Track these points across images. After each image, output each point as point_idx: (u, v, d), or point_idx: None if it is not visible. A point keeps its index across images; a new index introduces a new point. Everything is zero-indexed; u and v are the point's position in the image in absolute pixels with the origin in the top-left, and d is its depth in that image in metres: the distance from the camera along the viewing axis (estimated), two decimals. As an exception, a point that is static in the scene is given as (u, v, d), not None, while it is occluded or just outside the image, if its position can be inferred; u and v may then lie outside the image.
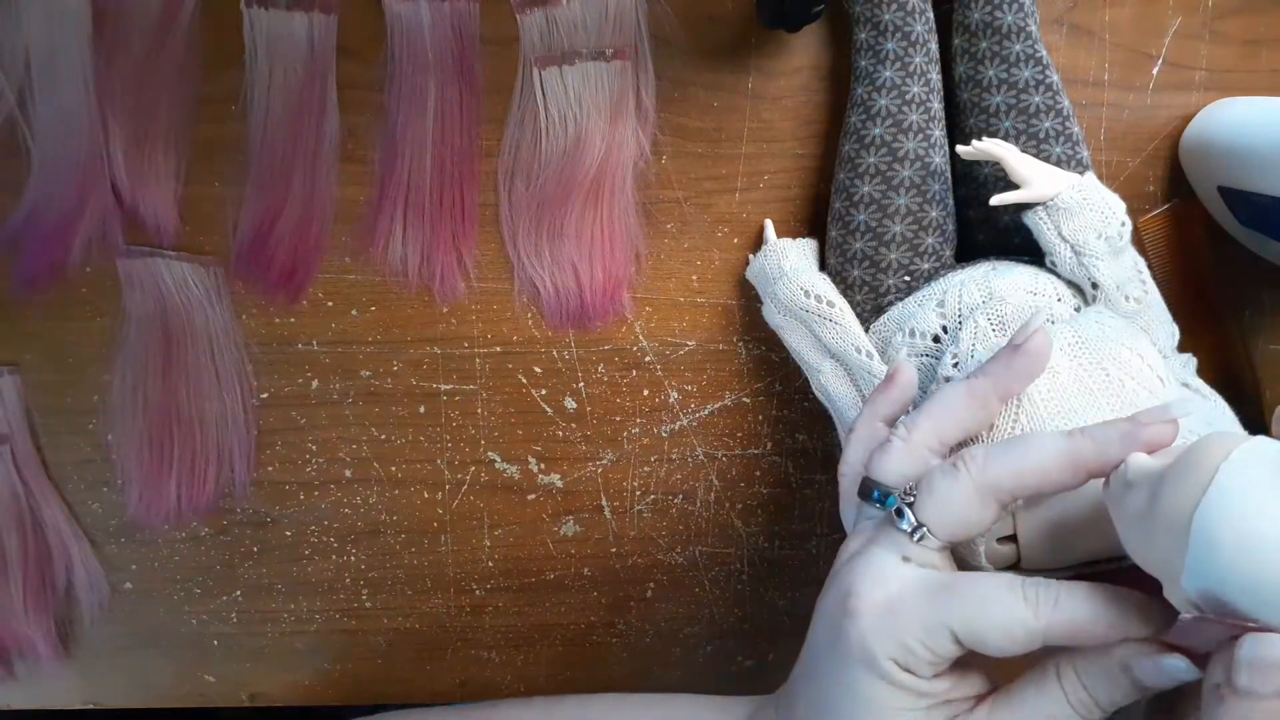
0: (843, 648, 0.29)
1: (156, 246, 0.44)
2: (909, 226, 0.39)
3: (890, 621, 0.28)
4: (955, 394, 0.31)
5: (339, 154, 0.43)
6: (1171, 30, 0.42)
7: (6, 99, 0.41)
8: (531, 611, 0.49)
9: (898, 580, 0.29)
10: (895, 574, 0.29)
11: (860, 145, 0.39)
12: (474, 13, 0.42)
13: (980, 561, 0.31)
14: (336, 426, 0.46)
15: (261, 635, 0.49)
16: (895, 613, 0.28)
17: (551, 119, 0.42)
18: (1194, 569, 0.24)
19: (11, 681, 0.48)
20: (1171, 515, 0.24)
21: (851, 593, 0.29)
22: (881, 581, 0.29)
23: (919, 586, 0.29)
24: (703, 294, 0.45)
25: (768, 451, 0.47)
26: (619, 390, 0.46)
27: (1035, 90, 0.38)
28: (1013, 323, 0.35)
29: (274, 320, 0.45)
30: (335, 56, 0.42)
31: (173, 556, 0.48)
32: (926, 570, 0.29)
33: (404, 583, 0.49)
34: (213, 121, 0.43)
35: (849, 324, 0.39)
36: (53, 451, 0.46)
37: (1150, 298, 0.37)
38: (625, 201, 0.43)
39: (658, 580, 0.49)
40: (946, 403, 0.31)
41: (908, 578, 0.29)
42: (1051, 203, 0.36)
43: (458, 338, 0.45)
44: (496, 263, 0.44)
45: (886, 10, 0.38)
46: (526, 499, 0.47)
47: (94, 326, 0.45)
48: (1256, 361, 0.45)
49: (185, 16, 0.41)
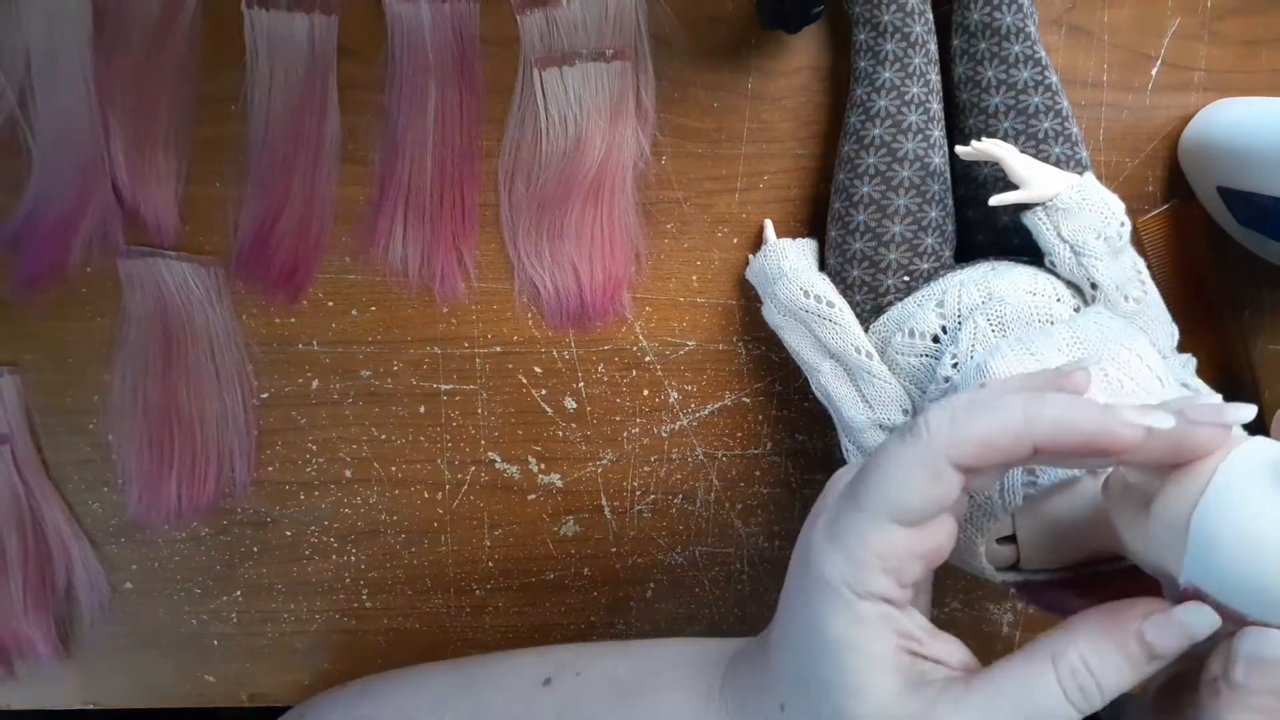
0: (801, 576, 0.29)
1: (157, 246, 0.44)
2: (908, 227, 0.39)
3: (837, 539, 0.28)
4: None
5: (339, 154, 0.43)
6: (1170, 31, 0.42)
7: (6, 99, 0.41)
8: (531, 611, 0.49)
9: (833, 494, 0.29)
10: (834, 490, 0.29)
11: (860, 146, 0.39)
12: (474, 13, 0.42)
13: (981, 563, 0.31)
14: (336, 426, 0.46)
15: (261, 635, 0.49)
16: (839, 528, 0.28)
17: (551, 119, 0.43)
18: (1192, 569, 0.24)
19: (11, 681, 0.48)
20: (1170, 515, 0.24)
21: (808, 521, 0.29)
22: (829, 495, 0.29)
23: (847, 490, 0.28)
24: (703, 294, 0.45)
25: (768, 451, 0.47)
26: (619, 390, 0.46)
27: (1034, 91, 0.38)
28: (1012, 323, 0.35)
29: (274, 320, 0.45)
30: (336, 57, 0.42)
31: (173, 556, 0.48)
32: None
33: (404, 583, 0.49)
34: (213, 121, 0.43)
35: (848, 324, 0.39)
36: (53, 451, 0.46)
37: (1149, 298, 0.37)
38: (625, 201, 0.43)
39: (658, 580, 0.49)
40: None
41: (840, 489, 0.29)
42: (1051, 203, 0.36)
43: (458, 338, 0.45)
44: (496, 263, 0.44)
45: (886, 11, 0.38)
46: (526, 499, 0.47)
47: (94, 326, 0.45)
48: (1256, 361, 0.45)
49: (185, 16, 0.41)
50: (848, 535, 0.27)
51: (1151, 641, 0.25)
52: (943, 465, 0.26)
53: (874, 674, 0.27)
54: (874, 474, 0.27)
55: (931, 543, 0.27)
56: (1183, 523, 0.24)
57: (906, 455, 0.26)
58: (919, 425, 0.26)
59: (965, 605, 0.49)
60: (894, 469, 0.26)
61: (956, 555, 0.32)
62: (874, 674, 0.27)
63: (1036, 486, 0.30)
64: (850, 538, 0.27)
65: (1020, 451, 0.25)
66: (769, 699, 0.31)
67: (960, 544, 0.31)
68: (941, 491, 0.26)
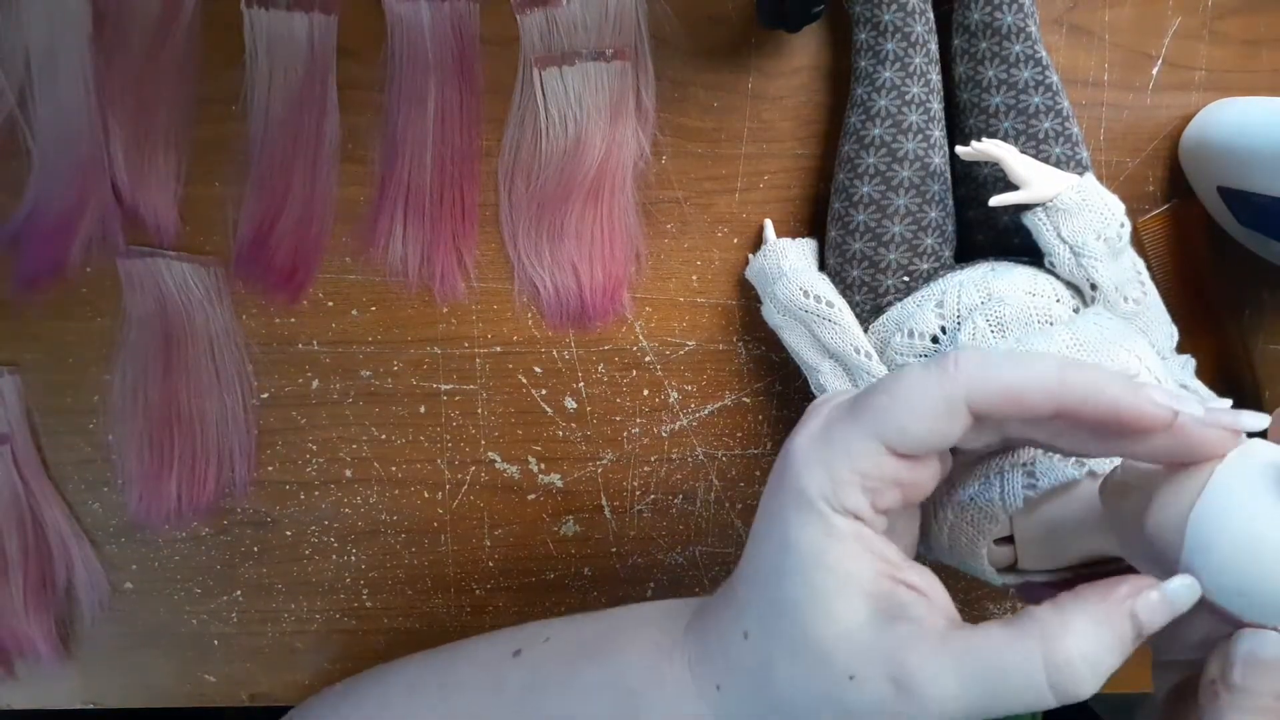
0: (776, 494, 0.28)
1: (157, 246, 0.44)
2: (908, 227, 0.39)
3: (822, 450, 0.27)
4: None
5: (339, 154, 0.43)
6: (1171, 30, 0.42)
7: (6, 99, 0.41)
8: (531, 611, 0.49)
9: (828, 407, 0.28)
10: (828, 405, 0.28)
11: (860, 146, 0.39)
12: (474, 13, 0.42)
13: (982, 564, 0.31)
14: (337, 426, 0.46)
15: (261, 635, 0.49)
16: (827, 440, 0.27)
17: (551, 119, 0.42)
18: (1189, 572, 0.24)
19: (11, 681, 0.48)
20: (1167, 517, 0.24)
21: (789, 438, 0.28)
22: (816, 414, 0.28)
23: (845, 404, 0.28)
24: (703, 294, 0.45)
25: (768, 451, 0.47)
26: (619, 390, 0.46)
27: (1035, 91, 0.38)
28: (1011, 324, 0.35)
29: (274, 320, 0.45)
30: (335, 56, 0.42)
31: (173, 556, 0.48)
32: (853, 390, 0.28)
33: (404, 583, 0.49)
34: (213, 121, 0.43)
35: (848, 324, 0.39)
36: (53, 451, 0.46)
37: (1149, 299, 0.37)
38: (625, 201, 0.43)
39: (658, 580, 0.49)
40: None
41: (838, 403, 0.28)
42: (1051, 204, 0.36)
43: (458, 338, 0.45)
44: (496, 263, 0.44)
45: (886, 11, 0.38)
46: (526, 499, 0.47)
47: (94, 326, 0.45)
48: (1256, 361, 0.45)
49: (185, 16, 0.41)
50: (834, 447, 0.27)
51: (1141, 618, 0.24)
52: (959, 404, 0.25)
53: (844, 596, 0.27)
54: (883, 395, 0.26)
55: (914, 477, 0.27)
56: (1179, 525, 0.24)
57: (927, 383, 0.26)
58: (948, 360, 0.26)
59: (965, 605, 0.49)
60: (909, 393, 0.26)
61: (957, 556, 0.32)
62: (844, 596, 0.27)
63: (1036, 489, 0.30)
64: (837, 450, 0.27)
65: (1043, 409, 0.25)
66: (733, 631, 0.30)
67: (961, 545, 0.31)
68: (946, 429, 0.26)
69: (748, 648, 0.29)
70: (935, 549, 0.33)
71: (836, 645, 0.26)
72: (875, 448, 0.26)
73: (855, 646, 0.26)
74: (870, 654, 0.26)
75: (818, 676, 0.27)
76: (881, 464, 0.26)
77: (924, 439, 0.26)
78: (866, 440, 0.26)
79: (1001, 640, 0.25)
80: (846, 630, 0.26)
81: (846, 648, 0.26)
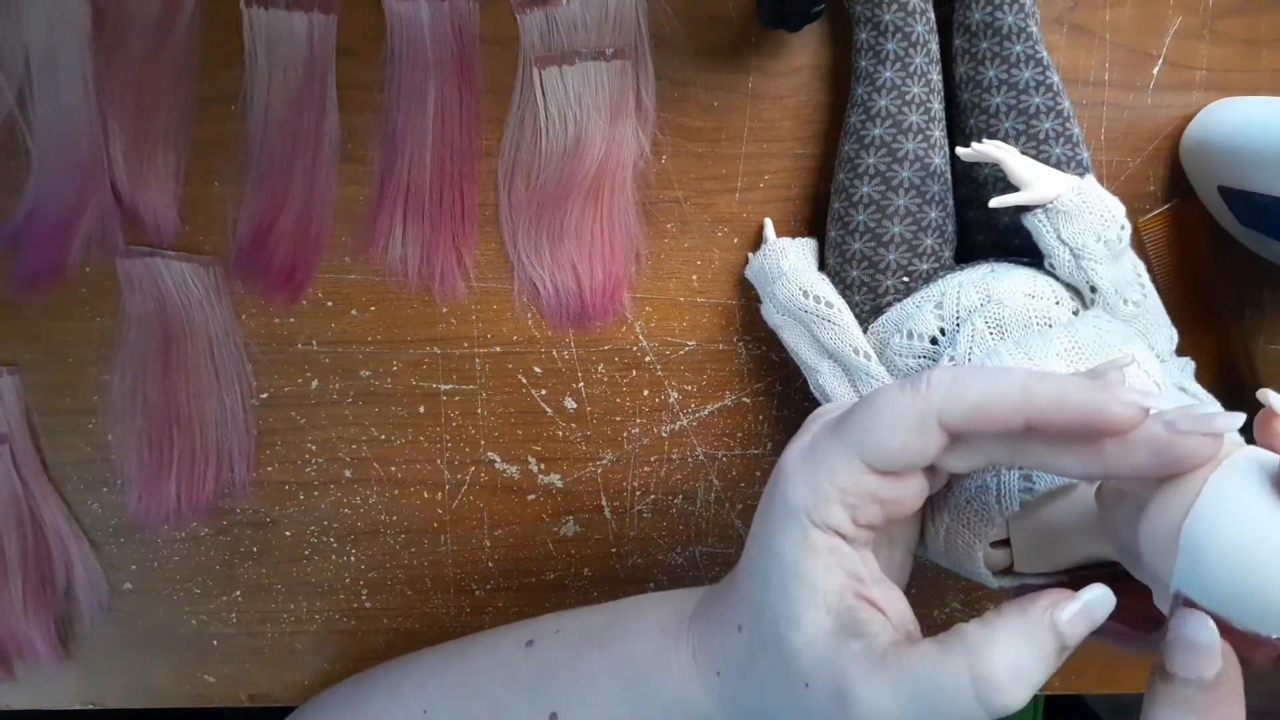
0: (770, 502, 0.29)
1: (156, 246, 0.44)
2: (908, 227, 0.39)
3: (808, 465, 0.28)
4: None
5: (339, 154, 0.43)
6: (1172, 30, 0.42)
7: (6, 99, 0.41)
8: (531, 612, 0.49)
9: (818, 423, 0.29)
10: (819, 420, 0.29)
11: (860, 146, 0.39)
12: (474, 12, 0.42)
13: (978, 567, 0.31)
14: (336, 426, 0.46)
15: (261, 635, 0.49)
16: (813, 455, 0.28)
17: (551, 119, 0.42)
18: (1183, 577, 0.23)
19: (11, 681, 0.48)
20: (1162, 523, 0.24)
21: (786, 448, 0.30)
22: (808, 428, 0.30)
23: (832, 420, 0.28)
24: (703, 294, 0.45)
25: (768, 451, 0.47)
26: (619, 390, 0.46)
27: (1035, 91, 0.38)
28: (1010, 326, 0.35)
29: (274, 320, 0.45)
30: (335, 56, 0.42)
31: (173, 556, 0.48)
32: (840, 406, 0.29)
33: (404, 583, 0.49)
34: (213, 121, 0.43)
35: (847, 324, 0.39)
36: (53, 451, 0.46)
37: (1148, 301, 0.37)
38: (625, 201, 0.43)
39: (658, 580, 0.49)
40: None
41: (827, 419, 0.29)
42: (1051, 205, 0.36)
43: (458, 338, 0.45)
44: (496, 263, 0.44)
45: (887, 10, 0.37)
46: (526, 499, 0.47)
47: (94, 326, 0.45)
48: (1257, 362, 0.45)
49: (185, 16, 0.41)
50: (818, 463, 0.28)
51: (1063, 630, 0.25)
52: (931, 421, 0.26)
53: (813, 607, 0.28)
54: (863, 412, 0.27)
55: (894, 494, 0.28)
56: (1174, 530, 0.23)
57: (900, 402, 0.26)
58: (921, 379, 0.26)
59: (965, 605, 0.49)
60: (884, 411, 0.27)
61: (953, 559, 0.32)
62: (813, 607, 0.28)
63: (1033, 493, 0.30)
64: (820, 466, 0.28)
65: (1013, 423, 0.25)
66: (730, 622, 0.31)
67: (957, 548, 0.31)
68: (920, 446, 0.26)
69: (741, 640, 0.31)
70: (932, 551, 0.33)
71: (800, 653, 0.28)
72: (855, 465, 0.27)
73: (815, 656, 0.27)
74: (824, 666, 0.27)
75: (784, 679, 0.28)
76: (860, 481, 0.27)
77: (899, 455, 0.27)
78: (847, 457, 0.27)
79: (933, 658, 0.25)
80: (810, 640, 0.28)
81: (809, 656, 0.28)
